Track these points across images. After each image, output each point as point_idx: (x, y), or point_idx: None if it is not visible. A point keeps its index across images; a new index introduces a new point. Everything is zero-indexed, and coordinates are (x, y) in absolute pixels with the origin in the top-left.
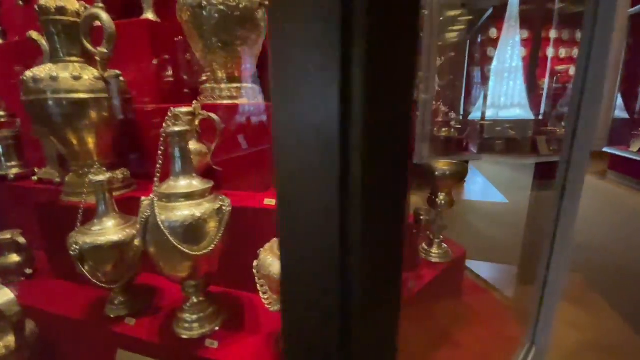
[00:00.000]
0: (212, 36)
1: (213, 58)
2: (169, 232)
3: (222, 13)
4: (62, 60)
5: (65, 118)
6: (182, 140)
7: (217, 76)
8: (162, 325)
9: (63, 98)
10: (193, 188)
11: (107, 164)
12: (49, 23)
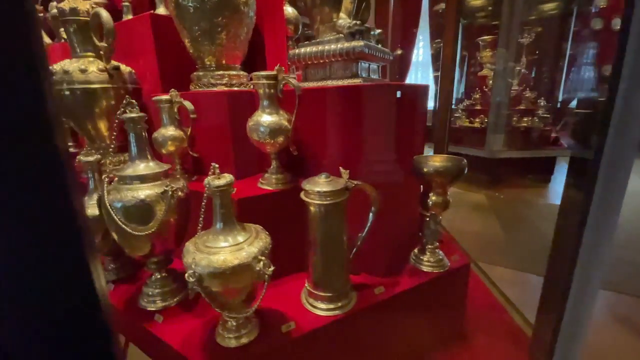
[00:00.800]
0: (193, 25)
1: (198, 47)
2: (115, 212)
3: (199, 1)
4: (78, 56)
5: (78, 106)
6: (136, 126)
7: (205, 64)
8: (132, 298)
9: (76, 89)
10: (139, 172)
11: (118, 146)
12: (66, 23)
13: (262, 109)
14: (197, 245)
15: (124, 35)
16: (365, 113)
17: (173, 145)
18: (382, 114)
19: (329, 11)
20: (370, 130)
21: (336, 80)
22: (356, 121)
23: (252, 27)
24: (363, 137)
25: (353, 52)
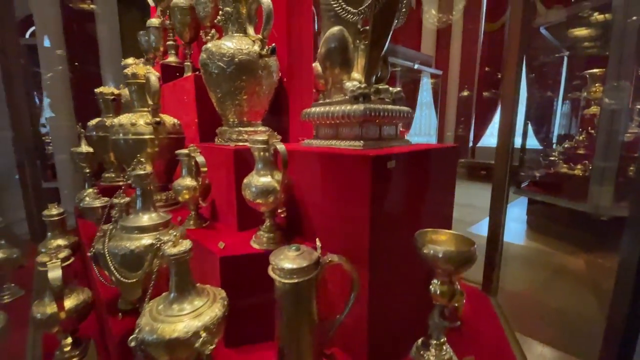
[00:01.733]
0: (217, 88)
1: (222, 106)
2: (111, 257)
3: (220, 68)
4: (136, 110)
5: (129, 151)
6: (142, 182)
7: (229, 121)
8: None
9: (128, 138)
10: (139, 223)
11: (160, 186)
12: (129, 84)
13: (256, 170)
14: (151, 308)
15: (178, 90)
16: (346, 182)
17: (188, 194)
18: (360, 183)
19: (339, 72)
20: (351, 200)
21: (342, 140)
22: (341, 189)
23: (274, 85)
24: (345, 205)
25: (354, 116)
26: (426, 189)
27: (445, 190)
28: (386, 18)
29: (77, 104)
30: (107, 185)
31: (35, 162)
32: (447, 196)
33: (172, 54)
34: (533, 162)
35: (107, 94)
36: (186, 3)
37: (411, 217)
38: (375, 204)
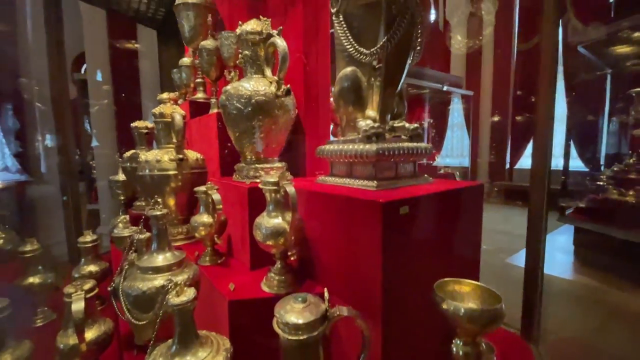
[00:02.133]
0: (235, 127)
1: (240, 143)
2: (124, 297)
3: (238, 109)
4: (162, 147)
5: (154, 185)
6: (159, 222)
7: (246, 157)
8: None
9: (153, 174)
10: (154, 263)
11: (182, 219)
12: (157, 123)
13: (267, 211)
14: (155, 357)
15: (203, 126)
16: (357, 227)
17: (204, 231)
18: (370, 230)
19: (353, 111)
20: (363, 246)
21: (356, 179)
22: (351, 234)
23: (290, 122)
24: (356, 252)
25: (367, 156)
26: (447, 233)
27: (469, 232)
28: (399, 58)
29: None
30: (138, 213)
31: (77, 188)
32: (472, 239)
33: (200, 90)
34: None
35: (142, 127)
36: (212, 45)
37: (431, 264)
38: (387, 253)
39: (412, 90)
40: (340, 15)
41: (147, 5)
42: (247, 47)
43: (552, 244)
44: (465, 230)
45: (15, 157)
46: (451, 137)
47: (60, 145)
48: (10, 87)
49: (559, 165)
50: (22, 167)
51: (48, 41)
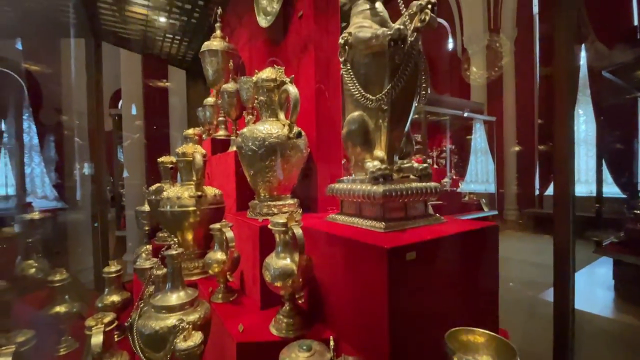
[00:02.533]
0: (249, 167)
1: (254, 182)
2: (138, 335)
3: (253, 150)
4: (183, 184)
5: (175, 221)
6: (174, 261)
7: (260, 195)
8: None
9: (174, 210)
10: (167, 302)
11: (199, 253)
12: (179, 162)
13: (276, 252)
14: None
15: (222, 162)
16: (363, 271)
17: (218, 268)
18: (376, 275)
19: (360, 151)
20: (369, 291)
21: (365, 219)
22: (358, 278)
23: (302, 161)
24: (363, 297)
25: (374, 197)
26: (460, 278)
27: (484, 277)
28: (404, 102)
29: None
30: (160, 244)
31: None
32: (487, 284)
33: (222, 128)
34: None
35: (167, 162)
36: (233, 88)
37: (442, 310)
38: (394, 299)
39: (431, 117)
40: (347, 64)
41: (177, 49)
42: (262, 93)
43: (589, 278)
44: (479, 275)
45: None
46: (475, 162)
47: (94, 174)
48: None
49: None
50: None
51: (88, 81)
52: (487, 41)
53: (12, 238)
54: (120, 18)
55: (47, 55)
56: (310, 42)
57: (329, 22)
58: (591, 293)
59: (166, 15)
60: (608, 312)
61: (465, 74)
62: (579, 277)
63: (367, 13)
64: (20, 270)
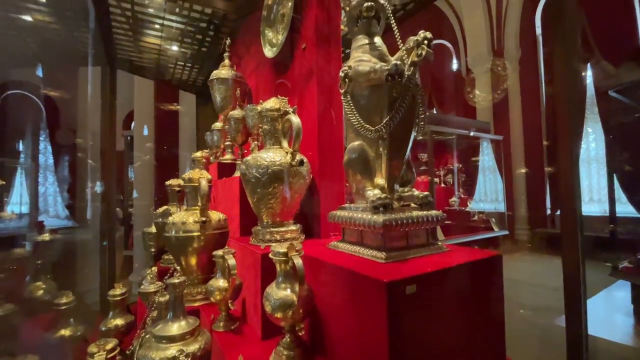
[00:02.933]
0: (253, 193)
1: (257, 208)
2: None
3: (256, 178)
4: (189, 209)
5: (179, 246)
6: (176, 290)
7: (263, 221)
8: None
9: (179, 235)
10: (167, 332)
11: (203, 277)
12: (185, 187)
13: (276, 282)
14: None
15: (227, 187)
16: (363, 304)
17: (219, 295)
18: (376, 309)
19: (361, 179)
20: (369, 324)
21: (366, 249)
22: (358, 311)
23: (305, 187)
24: (363, 330)
25: (375, 226)
26: (463, 311)
27: (489, 308)
28: (403, 133)
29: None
30: (165, 267)
31: (114, 236)
32: (492, 315)
33: (228, 152)
34: (630, 235)
35: (174, 185)
36: (239, 115)
37: (445, 344)
38: (394, 333)
39: (437, 137)
40: (348, 95)
41: (188, 75)
42: (266, 122)
43: (607, 303)
44: (484, 306)
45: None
46: (483, 181)
47: (104, 193)
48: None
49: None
50: (71, 214)
51: (102, 106)
52: (490, 64)
53: (22, 259)
54: (135, 48)
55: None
56: (313, 72)
57: (331, 53)
58: (609, 318)
59: (178, 44)
60: (627, 339)
61: (469, 97)
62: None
63: (367, 47)
64: (29, 292)
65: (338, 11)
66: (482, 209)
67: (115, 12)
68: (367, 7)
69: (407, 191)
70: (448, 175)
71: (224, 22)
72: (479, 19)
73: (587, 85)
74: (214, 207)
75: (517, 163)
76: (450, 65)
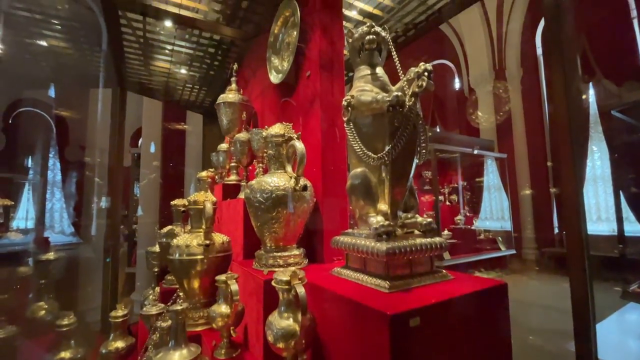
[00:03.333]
0: (257, 218)
1: (261, 232)
2: None
3: (260, 202)
4: (193, 231)
5: (182, 269)
6: (178, 317)
7: (266, 245)
8: None
9: (182, 258)
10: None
11: (205, 301)
12: (189, 210)
13: (279, 311)
14: None
15: (232, 208)
16: (366, 335)
17: (222, 322)
18: (379, 341)
19: (364, 205)
20: (372, 356)
21: (370, 277)
22: (361, 341)
23: (308, 211)
24: None
25: (378, 254)
26: (468, 341)
27: (495, 338)
28: (405, 161)
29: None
30: (167, 288)
31: (118, 253)
32: (498, 345)
33: (233, 173)
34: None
35: (179, 205)
36: (245, 137)
37: None
38: None
39: (441, 155)
40: (350, 123)
41: (196, 96)
42: (271, 147)
43: (619, 326)
44: (489, 337)
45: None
46: (489, 199)
47: (110, 209)
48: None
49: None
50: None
51: (112, 125)
52: (492, 87)
53: (26, 278)
54: (146, 71)
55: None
56: (317, 98)
57: (334, 80)
58: (621, 343)
59: (187, 68)
60: None
61: (471, 118)
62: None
63: (369, 78)
64: (31, 313)
65: (341, 41)
66: (488, 227)
67: (128, 38)
68: (369, 39)
69: (410, 217)
70: (453, 194)
71: (232, 47)
72: (480, 40)
73: (590, 104)
74: (217, 228)
75: (522, 183)
76: (453, 83)
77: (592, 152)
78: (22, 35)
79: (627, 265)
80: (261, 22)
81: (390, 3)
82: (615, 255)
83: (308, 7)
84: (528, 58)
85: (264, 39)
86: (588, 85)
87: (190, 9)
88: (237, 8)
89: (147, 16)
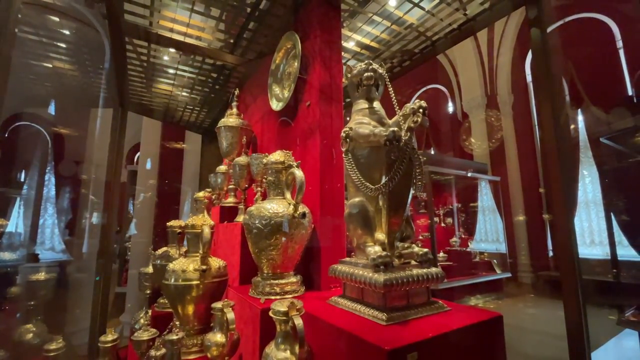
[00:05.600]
0: (255, 244)
1: (258, 258)
2: None
3: (258, 228)
4: (189, 256)
5: (177, 294)
6: (173, 347)
7: (263, 272)
8: None
9: (178, 283)
10: None
11: (200, 328)
12: (187, 234)
13: (276, 343)
14: None
15: (229, 232)
16: None
17: (216, 351)
18: None
19: (361, 234)
20: None
21: (367, 307)
22: None
23: (306, 238)
24: None
25: (376, 285)
26: None
27: None
28: (401, 192)
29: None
30: (159, 312)
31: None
32: None
33: (231, 195)
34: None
35: (175, 227)
36: (244, 161)
37: None
38: None
39: (435, 177)
40: (349, 154)
41: (196, 117)
42: (271, 174)
43: (617, 353)
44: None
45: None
46: (484, 221)
47: (102, 227)
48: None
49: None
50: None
51: (111, 144)
52: (485, 115)
53: (15, 299)
54: (147, 93)
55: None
56: (316, 127)
57: (333, 109)
58: None
59: (189, 91)
60: None
61: (465, 144)
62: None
63: (366, 111)
64: (19, 336)
65: (340, 72)
66: (483, 249)
67: (132, 62)
68: (367, 76)
69: (407, 247)
70: (448, 216)
71: (233, 72)
72: (472, 68)
73: (580, 129)
74: (214, 251)
75: (516, 209)
76: (447, 107)
77: (583, 176)
78: (28, 57)
79: (622, 289)
80: (263, 50)
81: (386, 36)
82: (609, 279)
83: (309, 40)
84: (518, 84)
85: (265, 66)
86: (577, 111)
87: (195, 37)
88: (240, 38)
89: (152, 43)
